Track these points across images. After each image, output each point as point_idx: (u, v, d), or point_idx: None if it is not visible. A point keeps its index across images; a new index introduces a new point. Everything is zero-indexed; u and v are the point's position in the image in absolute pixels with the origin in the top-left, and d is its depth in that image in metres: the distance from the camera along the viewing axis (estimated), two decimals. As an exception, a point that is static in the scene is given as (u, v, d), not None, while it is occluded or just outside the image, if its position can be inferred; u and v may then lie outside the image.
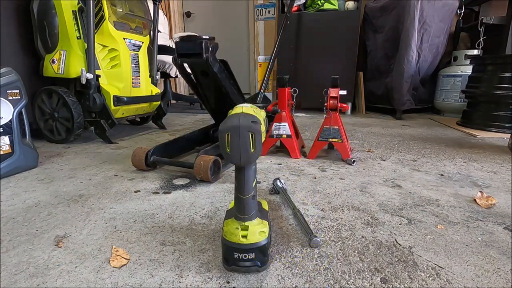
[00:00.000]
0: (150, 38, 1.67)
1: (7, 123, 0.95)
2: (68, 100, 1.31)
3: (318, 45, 2.26)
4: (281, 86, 1.16)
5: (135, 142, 1.46)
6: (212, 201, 0.75)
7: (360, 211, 0.69)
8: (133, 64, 1.49)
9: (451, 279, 0.46)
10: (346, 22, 2.18)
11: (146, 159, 0.97)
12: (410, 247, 0.55)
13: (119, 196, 0.79)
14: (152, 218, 0.67)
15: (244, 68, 3.40)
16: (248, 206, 0.47)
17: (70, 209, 0.72)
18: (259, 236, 0.46)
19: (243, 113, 0.44)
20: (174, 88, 3.40)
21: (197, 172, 0.87)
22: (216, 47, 0.99)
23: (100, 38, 1.36)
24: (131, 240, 0.58)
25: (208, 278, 0.47)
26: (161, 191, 0.83)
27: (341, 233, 0.60)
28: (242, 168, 0.46)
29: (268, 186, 0.86)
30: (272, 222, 0.64)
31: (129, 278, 0.47)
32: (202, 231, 0.61)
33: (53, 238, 0.59)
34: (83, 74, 1.28)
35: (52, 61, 1.34)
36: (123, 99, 1.41)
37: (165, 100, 2.77)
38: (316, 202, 0.75)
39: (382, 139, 1.45)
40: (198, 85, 1.15)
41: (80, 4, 1.29)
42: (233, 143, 0.43)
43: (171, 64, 2.49)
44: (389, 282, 0.45)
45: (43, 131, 1.41)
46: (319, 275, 0.47)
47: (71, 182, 0.90)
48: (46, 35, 1.35)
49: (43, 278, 0.47)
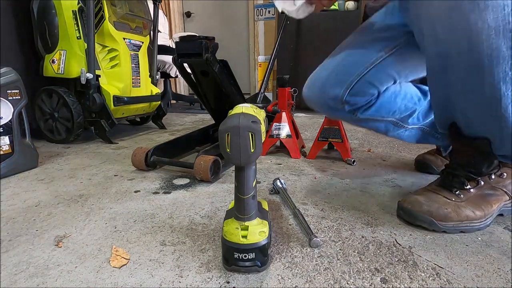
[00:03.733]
0: (150, 38, 1.67)
1: (7, 123, 0.95)
2: (68, 100, 1.31)
3: (318, 45, 2.26)
4: (281, 86, 1.16)
5: (135, 142, 1.46)
6: (212, 201, 0.75)
7: (360, 211, 0.69)
8: (133, 64, 1.49)
9: (451, 279, 0.46)
10: (346, 22, 2.18)
11: (146, 159, 0.97)
12: (410, 247, 0.55)
13: (119, 196, 0.79)
14: (152, 218, 0.67)
15: (244, 68, 3.40)
16: (248, 206, 0.47)
17: (70, 209, 0.72)
18: (259, 236, 0.46)
19: (243, 113, 0.44)
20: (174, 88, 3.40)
21: (197, 172, 0.87)
22: (216, 47, 0.99)
23: (100, 38, 1.36)
24: (131, 240, 0.58)
25: (208, 278, 0.47)
26: (161, 191, 0.83)
27: (341, 233, 0.60)
28: (242, 168, 0.46)
29: (268, 186, 0.86)
30: (272, 222, 0.64)
31: (129, 278, 0.47)
32: (202, 231, 0.61)
33: (53, 238, 0.59)
34: (83, 74, 1.28)
35: (52, 61, 1.34)
36: (123, 99, 1.41)
37: (165, 100, 2.77)
38: (316, 202, 0.75)
39: (382, 139, 1.45)
40: (198, 85, 1.16)
41: (80, 4, 1.29)
42: (233, 143, 0.43)
43: (171, 64, 2.49)
44: (389, 282, 0.45)
45: (43, 131, 1.42)
46: (319, 275, 0.47)
47: (71, 182, 0.90)
48: (46, 35, 1.35)
49: (43, 278, 0.47)
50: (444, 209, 0.59)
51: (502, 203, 0.63)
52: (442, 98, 0.61)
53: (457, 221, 0.58)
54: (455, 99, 0.57)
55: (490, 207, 0.61)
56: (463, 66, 0.50)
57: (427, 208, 0.59)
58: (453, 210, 0.59)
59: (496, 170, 0.62)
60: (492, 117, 0.53)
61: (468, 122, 0.58)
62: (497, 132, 0.55)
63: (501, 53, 0.46)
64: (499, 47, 0.46)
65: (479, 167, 0.61)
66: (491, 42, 0.46)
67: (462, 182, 0.62)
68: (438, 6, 0.49)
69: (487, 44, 0.46)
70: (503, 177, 0.62)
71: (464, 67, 0.50)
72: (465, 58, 0.49)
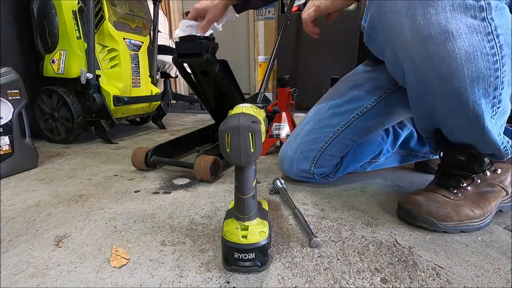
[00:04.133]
0: (150, 38, 1.67)
1: (7, 123, 0.95)
2: (68, 100, 1.31)
3: (318, 45, 2.26)
4: (281, 86, 1.16)
5: (135, 142, 1.46)
6: (212, 201, 0.75)
7: (360, 211, 0.69)
8: (133, 64, 1.49)
9: (451, 279, 0.46)
10: (346, 22, 2.18)
11: (146, 159, 0.97)
12: (410, 247, 0.55)
13: (119, 196, 0.79)
14: (152, 218, 0.67)
15: (244, 68, 3.40)
16: (248, 206, 0.47)
17: (70, 209, 0.72)
18: (259, 236, 0.46)
19: (243, 113, 0.44)
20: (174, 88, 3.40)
21: (197, 172, 0.87)
22: (216, 47, 0.99)
23: (100, 38, 1.36)
24: (131, 240, 0.58)
25: (208, 278, 0.47)
26: (161, 191, 0.83)
27: (341, 233, 0.60)
28: (242, 168, 0.46)
29: (268, 186, 0.86)
30: (272, 222, 0.64)
31: (129, 278, 0.47)
32: (202, 231, 0.61)
33: (53, 238, 0.59)
34: (83, 74, 1.28)
35: (52, 61, 1.34)
36: (123, 99, 1.41)
37: (165, 100, 2.77)
38: (316, 202, 0.75)
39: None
40: (198, 85, 1.15)
41: (80, 4, 1.29)
42: (233, 143, 0.43)
43: (171, 64, 2.49)
44: (389, 282, 0.45)
45: (43, 131, 1.41)
46: (319, 275, 0.47)
47: (71, 182, 0.90)
48: (46, 35, 1.35)
49: (43, 278, 0.47)
50: (444, 209, 0.59)
51: (500, 199, 0.64)
52: (424, 113, 0.63)
53: (458, 221, 0.59)
54: (437, 115, 0.59)
55: (489, 204, 0.62)
56: (445, 88, 0.51)
57: (427, 208, 0.60)
58: (452, 209, 0.59)
59: (490, 167, 0.62)
60: (474, 128, 0.55)
61: (452, 133, 0.60)
62: (480, 139, 0.57)
63: (481, 74, 0.48)
64: (479, 69, 0.48)
65: (471, 167, 0.62)
66: (470, 65, 0.48)
67: (459, 180, 0.62)
68: (412, 37, 0.50)
69: (467, 68, 0.48)
70: (498, 173, 0.63)
71: (446, 89, 0.52)
72: (445, 82, 0.50)
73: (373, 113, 0.77)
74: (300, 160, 0.82)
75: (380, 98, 0.76)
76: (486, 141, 0.56)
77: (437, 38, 0.48)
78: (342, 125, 0.78)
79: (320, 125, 0.80)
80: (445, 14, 0.46)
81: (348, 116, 0.77)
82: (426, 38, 0.49)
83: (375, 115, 0.77)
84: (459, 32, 0.47)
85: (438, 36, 0.47)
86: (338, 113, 0.79)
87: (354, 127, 0.78)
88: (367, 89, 0.77)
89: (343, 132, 0.78)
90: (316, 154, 0.80)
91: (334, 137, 0.78)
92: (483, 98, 0.51)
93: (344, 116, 0.78)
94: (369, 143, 0.85)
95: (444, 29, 0.47)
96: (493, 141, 0.56)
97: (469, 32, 0.47)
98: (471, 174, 0.62)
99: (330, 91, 0.87)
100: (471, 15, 0.46)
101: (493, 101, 0.52)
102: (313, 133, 0.81)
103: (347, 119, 0.77)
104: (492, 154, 0.60)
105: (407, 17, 0.49)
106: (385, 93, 0.75)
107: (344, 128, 0.78)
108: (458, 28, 0.46)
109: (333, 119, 0.79)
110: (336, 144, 0.79)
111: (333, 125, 0.79)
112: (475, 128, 0.55)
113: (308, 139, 0.81)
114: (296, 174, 0.85)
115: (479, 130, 0.55)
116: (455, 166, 0.63)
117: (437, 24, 0.47)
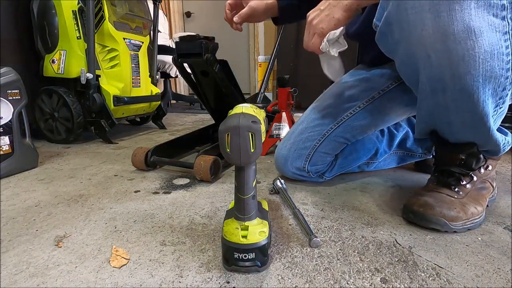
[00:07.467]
0: (150, 38, 1.67)
1: (7, 123, 0.95)
2: (68, 100, 1.31)
3: (318, 45, 2.25)
4: (281, 86, 1.16)
5: (135, 142, 1.46)
6: (212, 201, 0.75)
7: (360, 211, 0.69)
8: (133, 64, 1.49)
9: (451, 279, 0.46)
10: (346, 22, 2.17)
11: (146, 159, 0.97)
12: (410, 247, 0.55)
13: (119, 196, 0.79)
14: (152, 218, 0.67)
15: (244, 68, 3.40)
16: (248, 206, 0.47)
17: (70, 209, 0.72)
18: (259, 236, 0.46)
19: (243, 113, 0.44)
20: (174, 88, 3.40)
21: (197, 172, 0.87)
22: (216, 47, 0.99)
23: (100, 38, 1.36)
24: (131, 240, 0.58)
25: (208, 278, 0.47)
26: (161, 191, 0.83)
27: (341, 233, 0.60)
28: (242, 168, 0.46)
29: (268, 186, 0.86)
30: (272, 222, 0.64)
31: (129, 278, 0.47)
32: (202, 231, 0.61)
33: (53, 238, 0.59)
34: (83, 74, 1.28)
35: (52, 61, 1.34)
36: (123, 99, 1.41)
37: (165, 100, 2.77)
38: (316, 202, 0.75)
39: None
40: (198, 85, 1.16)
41: (80, 4, 1.29)
42: (233, 143, 0.43)
43: (171, 64, 2.49)
44: (389, 282, 0.45)
45: (43, 131, 1.41)
46: (319, 275, 0.47)
47: (71, 182, 0.90)
48: (46, 35, 1.35)
49: (43, 278, 0.47)
50: (454, 209, 0.59)
51: (490, 194, 0.66)
52: (427, 113, 0.63)
53: (465, 219, 0.59)
54: (442, 114, 0.59)
55: (485, 200, 0.63)
56: (458, 86, 0.51)
57: (440, 210, 0.59)
58: (461, 209, 0.59)
59: (483, 164, 0.64)
60: (480, 127, 0.56)
61: (454, 132, 0.61)
62: (484, 137, 0.58)
63: (494, 73, 0.48)
64: (493, 68, 0.48)
65: (469, 164, 0.62)
66: (486, 64, 0.48)
67: (458, 178, 0.63)
68: (433, 33, 0.49)
69: (483, 66, 0.48)
70: (489, 169, 0.65)
71: (458, 87, 0.51)
72: (459, 80, 0.50)
73: (366, 113, 0.78)
74: (294, 158, 0.83)
75: (373, 98, 0.77)
76: (489, 139, 0.57)
77: (459, 35, 0.47)
78: (335, 123, 0.79)
79: (313, 124, 0.82)
80: (470, 11, 0.46)
81: (341, 115, 0.79)
82: (448, 35, 0.48)
83: (367, 114, 0.78)
84: (481, 30, 0.46)
85: (461, 33, 0.46)
86: (331, 112, 0.80)
87: (347, 125, 0.79)
88: (360, 89, 0.79)
89: (336, 130, 0.79)
90: (310, 152, 0.81)
91: (327, 135, 0.80)
92: (491, 97, 0.51)
93: (337, 115, 0.79)
94: (364, 141, 0.87)
95: (467, 26, 0.46)
96: (496, 139, 0.57)
97: (490, 30, 0.46)
98: (468, 171, 0.63)
99: (324, 93, 0.88)
100: (493, 13, 0.46)
101: (498, 101, 0.53)
102: (306, 132, 0.82)
103: (340, 118, 0.79)
104: (488, 150, 0.61)
105: (430, 13, 0.48)
106: (378, 93, 0.77)
107: (337, 126, 0.79)
108: (481, 26, 0.46)
109: (326, 118, 0.81)
110: (330, 142, 0.80)
111: (326, 124, 0.80)
112: (481, 127, 0.55)
113: (302, 138, 0.82)
114: (292, 172, 0.85)
115: (485, 128, 0.55)
116: (453, 164, 0.64)
117: (461, 21, 0.46)
